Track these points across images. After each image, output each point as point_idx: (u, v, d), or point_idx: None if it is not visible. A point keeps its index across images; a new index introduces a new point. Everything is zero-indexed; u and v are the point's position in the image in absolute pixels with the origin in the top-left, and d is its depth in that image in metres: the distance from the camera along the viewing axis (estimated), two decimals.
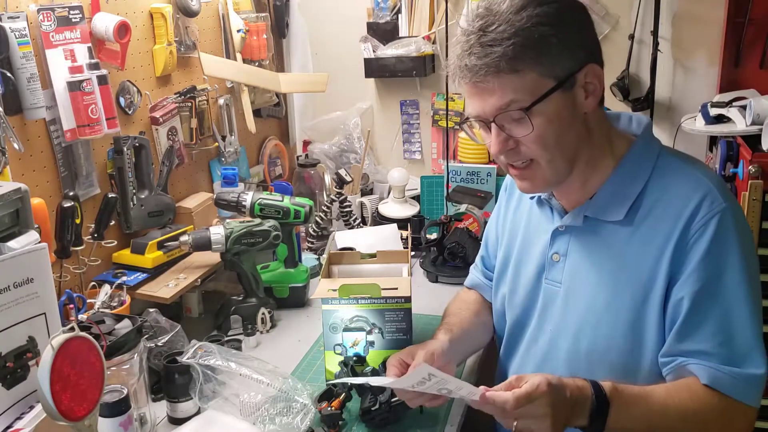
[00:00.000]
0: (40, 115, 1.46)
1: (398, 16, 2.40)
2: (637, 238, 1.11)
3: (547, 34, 1.03)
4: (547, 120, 1.06)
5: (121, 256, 1.70)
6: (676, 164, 1.13)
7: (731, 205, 1.07)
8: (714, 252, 1.05)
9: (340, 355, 1.43)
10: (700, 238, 1.05)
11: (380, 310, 1.41)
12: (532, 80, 1.05)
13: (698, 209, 1.06)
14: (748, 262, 1.06)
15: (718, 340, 1.05)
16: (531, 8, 1.03)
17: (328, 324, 1.43)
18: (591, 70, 1.08)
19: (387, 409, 1.28)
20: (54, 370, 0.98)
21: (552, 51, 1.04)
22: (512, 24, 1.03)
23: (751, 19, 2.08)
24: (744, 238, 1.07)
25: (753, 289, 1.06)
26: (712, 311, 1.05)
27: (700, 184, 1.08)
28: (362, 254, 1.60)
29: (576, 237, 1.19)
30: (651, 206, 1.11)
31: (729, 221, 1.05)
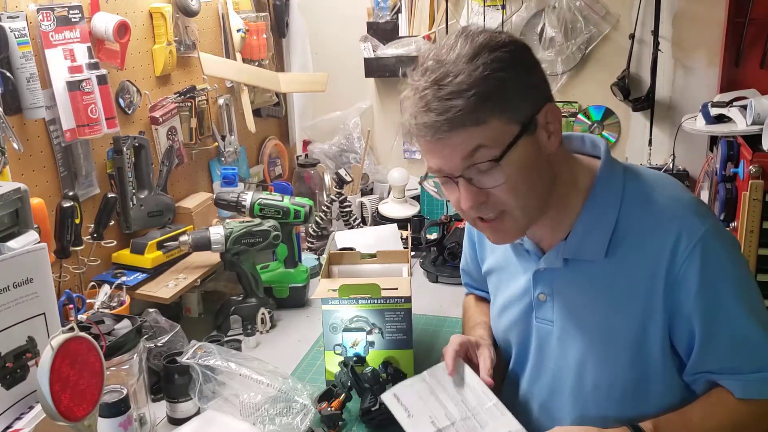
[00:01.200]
0: (40, 115, 1.46)
1: (398, 15, 2.40)
2: (623, 275, 1.07)
3: (506, 79, 0.98)
4: (517, 167, 1.02)
5: (121, 256, 1.70)
6: (644, 190, 1.09)
7: (710, 225, 1.04)
8: (707, 282, 1.03)
9: (340, 356, 1.43)
10: (689, 269, 1.03)
11: (380, 310, 1.41)
12: (497, 129, 1.00)
13: (679, 241, 1.03)
14: (740, 274, 1.06)
15: (738, 355, 1.05)
16: (485, 55, 0.98)
17: (328, 324, 1.42)
18: (549, 110, 1.03)
19: (387, 409, 1.28)
20: (53, 370, 0.98)
21: (512, 96, 0.99)
22: (469, 74, 0.97)
23: (751, 19, 2.08)
24: (730, 253, 1.06)
25: (751, 297, 1.06)
26: (723, 334, 1.05)
27: (674, 213, 1.05)
28: (362, 254, 1.60)
29: (559, 277, 1.14)
30: (629, 240, 1.07)
31: (712, 244, 1.03)
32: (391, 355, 1.43)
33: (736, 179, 1.86)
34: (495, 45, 1.00)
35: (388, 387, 1.31)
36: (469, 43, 1.00)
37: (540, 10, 2.28)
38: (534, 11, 2.29)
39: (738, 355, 1.06)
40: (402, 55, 2.33)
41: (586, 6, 2.24)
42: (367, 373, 1.33)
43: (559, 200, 1.09)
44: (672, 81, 2.25)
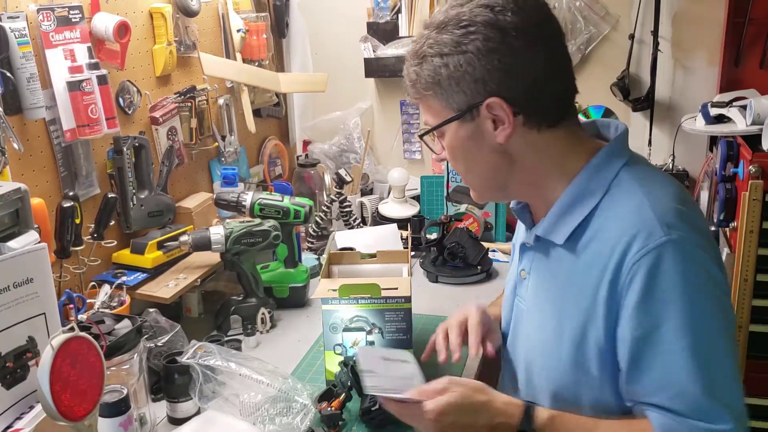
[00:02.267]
0: (40, 115, 1.46)
1: (398, 16, 2.40)
2: (580, 268, 1.02)
3: (439, 66, 1.01)
4: (450, 146, 1.09)
5: (121, 256, 1.70)
6: (631, 186, 1.02)
7: (677, 238, 0.94)
8: (648, 299, 0.94)
9: (341, 355, 1.43)
10: (633, 280, 0.95)
11: (380, 310, 1.41)
12: (435, 106, 1.06)
13: (630, 246, 0.95)
14: (695, 304, 0.94)
15: (667, 393, 0.96)
16: (439, 31, 1.01)
17: (329, 324, 1.42)
18: (494, 104, 1.00)
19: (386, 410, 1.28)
20: (54, 370, 0.98)
21: (443, 84, 1.02)
22: (421, 46, 1.03)
23: (751, 19, 2.08)
24: (690, 275, 0.94)
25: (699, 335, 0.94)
26: (654, 363, 0.96)
27: (640, 214, 0.97)
28: (362, 254, 1.60)
29: (536, 255, 1.13)
30: (594, 233, 1.01)
31: (666, 260, 0.93)
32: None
33: (735, 179, 1.87)
34: (459, 21, 1.00)
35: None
36: (448, 8, 1.02)
37: None
38: None
39: (667, 392, 0.95)
40: (402, 55, 2.33)
41: (586, 6, 2.24)
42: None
43: (539, 181, 1.08)
44: (672, 81, 2.25)
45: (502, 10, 0.99)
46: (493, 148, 1.05)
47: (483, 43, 0.98)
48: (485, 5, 0.99)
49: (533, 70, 1.01)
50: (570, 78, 1.06)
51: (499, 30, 0.98)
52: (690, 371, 0.93)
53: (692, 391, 0.94)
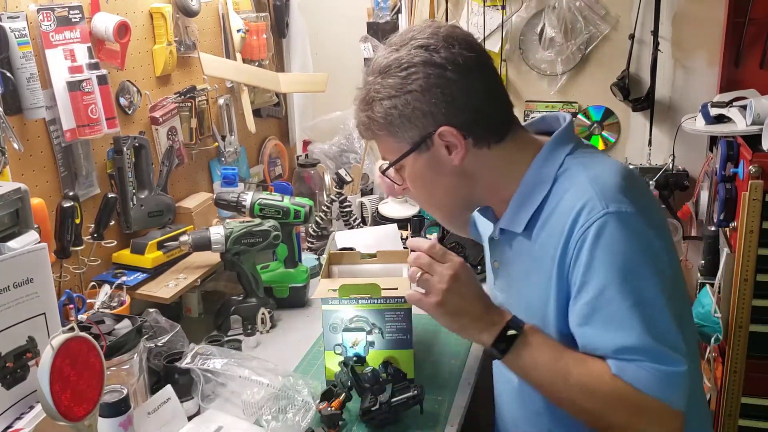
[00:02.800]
0: (40, 115, 1.46)
1: (398, 16, 2.40)
2: (536, 251, 1.11)
3: (389, 107, 1.11)
4: (411, 177, 1.18)
5: (121, 256, 1.70)
6: (576, 170, 1.11)
7: (613, 211, 1.02)
8: (593, 267, 1.02)
9: (340, 355, 1.43)
10: (579, 253, 1.03)
11: (380, 310, 1.41)
12: (389, 144, 1.17)
13: (576, 220, 1.04)
14: (634, 272, 1.02)
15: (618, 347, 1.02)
16: (383, 76, 1.11)
17: (328, 324, 1.42)
18: (445, 132, 1.11)
19: (387, 409, 1.29)
20: (54, 370, 0.99)
21: (395, 123, 1.12)
22: (367, 92, 1.14)
23: (751, 19, 2.08)
24: (628, 245, 1.02)
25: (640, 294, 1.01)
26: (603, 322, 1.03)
27: (583, 192, 1.06)
28: (362, 254, 1.60)
29: (503, 247, 1.21)
30: (547, 217, 1.11)
31: (606, 231, 1.02)
32: (391, 355, 1.43)
33: (735, 179, 1.87)
34: (399, 65, 1.10)
35: (387, 387, 1.32)
36: (387, 54, 1.12)
37: (540, 11, 2.29)
38: (534, 11, 2.29)
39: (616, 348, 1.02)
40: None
41: (586, 6, 2.24)
42: (368, 373, 1.33)
43: (495, 188, 1.17)
44: (672, 81, 2.25)
45: (436, 49, 1.10)
46: (451, 171, 1.15)
47: (424, 80, 1.09)
48: (420, 47, 1.10)
49: (473, 96, 1.11)
50: (505, 96, 1.18)
51: (436, 67, 1.09)
52: (636, 325, 1.01)
53: (642, 341, 1.01)
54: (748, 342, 1.84)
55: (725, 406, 1.89)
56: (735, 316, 1.83)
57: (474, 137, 1.12)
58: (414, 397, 1.29)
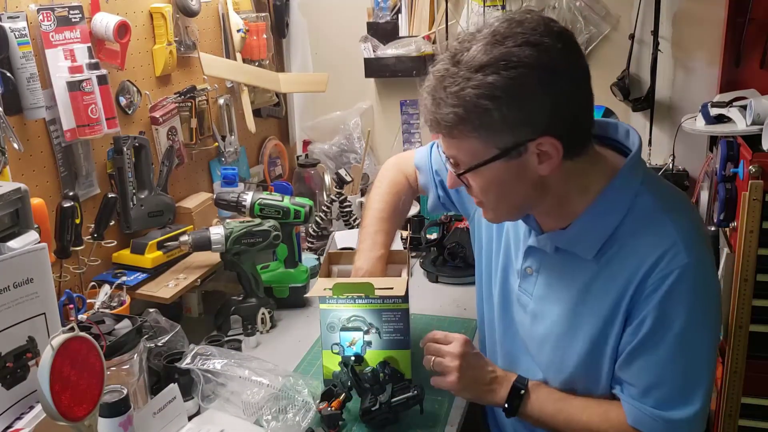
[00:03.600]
0: (40, 115, 1.46)
1: (398, 16, 2.40)
2: (602, 278, 1.11)
3: (490, 108, 0.98)
4: (487, 182, 1.08)
5: (121, 256, 1.70)
6: (652, 207, 1.09)
7: (694, 261, 1.05)
8: (662, 308, 1.06)
9: (338, 355, 1.43)
10: (655, 292, 1.05)
11: (377, 310, 1.40)
12: (473, 146, 1.04)
13: (658, 263, 1.05)
14: (698, 321, 1.07)
15: (650, 380, 1.10)
16: (485, 72, 0.97)
17: (326, 323, 1.42)
18: (545, 142, 1.01)
19: (387, 409, 1.29)
20: (54, 370, 0.99)
21: (492, 126, 1.00)
22: (461, 88, 0.99)
23: (751, 19, 2.08)
24: (699, 298, 1.06)
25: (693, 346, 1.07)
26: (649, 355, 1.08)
27: (666, 236, 1.06)
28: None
29: (547, 259, 1.19)
30: (619, 249, 1.09)
31: (686, 279, 1.04)
32: (389, 355, 1.42)
33: (735, 179, 1.86)
34: (507, 63, 0.97)
35: (387, 387, 1.32)
36: (486, 49, 0.98)
37: (540, 11, 2.28)
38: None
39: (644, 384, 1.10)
40: (402, 56, 2.33)
41: (586, 6, 2.24)
42: (367, 373, 1.33)
43: (561, 201, 1.12)
44: (672, 81, 2.25)
45: (549, 49, 0.98)
46: (532, 181, 1.07)
47: (535, 85, 0.98)
48: (531, 44, 0.98)
49: (577, 107, 1.04)
50: (592, 105, 1.09)
51: (548, 70, 0.98)
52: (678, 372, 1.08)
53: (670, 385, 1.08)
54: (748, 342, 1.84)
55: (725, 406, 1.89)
56: (735, 316, 1.83)
57: (567, 147, 1.03)
58: (414, 397, 1.29)
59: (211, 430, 1.30)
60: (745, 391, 1.88)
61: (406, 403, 1.29)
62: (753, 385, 1.88)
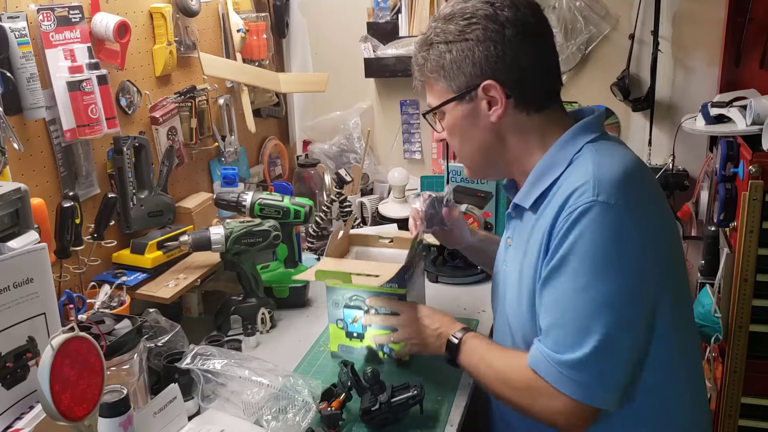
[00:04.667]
0: (40, 115, 1.46)
1: (398, 16, 2.40)
2: (537, 226, 1.17)
3: (444, 51, 1.18)
4: (449, 124, 1.25)
5: (121, 256, 1.70)
6: (589, 155, 1.15)
7: (602, 201, 1.05)
8: (566, 239, 1.08)
9: (342, 330, 1.54)
10: (562, 227, 1.09)
11: (376, 292, 1.49)
12: (438, 90, 1.23)
13: (568, 200, 1.09)
14: (603, 256, 1.05)
15: (549, 320, 1.12)
16: (445, 22, 1.18)
17: (332, 299, 1.53)
18: (490, 86, 1.16)
19: (387, 409, 1.28)
20: (54, 370, 0.99)
21: (446, 67, 1.19)
22: (429, 35, 1.21)
23: (751, 19, 2.08)
24: (603, 233, 1.05)
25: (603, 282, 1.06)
26: (550, 293, 1.11)
27: (583, 176, 1.10)
28: (380, 237, 1.67)
29: (515, 223, 1.28)
30: (551, 198, 1.15)
31: (590, 215, 1.05)
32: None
33: (735, 179, 1.87)
34: (463, 14, 1.16)
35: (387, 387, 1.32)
36: (455, 3, 1.19)
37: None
38: None
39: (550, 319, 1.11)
40: (402, 55, 2.33)
41: (586, 6, 2.24)
42: (368, 373, 1.33)
43: (521, 158, 1.23)
44: (672, 81, 2.25)
45: (501, 7, 1.16)
46: (487, 127, 1.21)
47: (482, 32, 1.15)
48: (487, 2, 1.16)
49: (523, 60, 1.16)
50: (555, 71, 1.23)
51: (496, 22, 1.15)
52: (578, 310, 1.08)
53: (571, 325, 1.08)
54: (748, 342, 1.84)
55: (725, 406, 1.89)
56: (735, 316, 1.83)
57: (516, 99, 1.17)
58: (414, 397, 1.29)
59: (211, 430, 1.30)
60: (745, 391, 1.88)
61: (406, 403, 1.29)
62: (753, 385, 1.88)
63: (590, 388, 1.08)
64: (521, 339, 1.23)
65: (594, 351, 1.06)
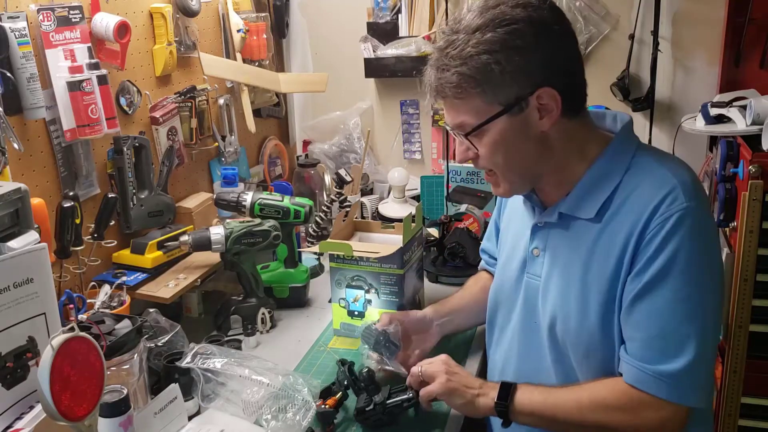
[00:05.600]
0: (40, 115, 1.46)
1: (398, 16, 2.40)
2: (606, 235, 1.13)
3: (490, 62, 1.06)
4: (493, 141, 1.13)
5: (121, 256, 1.70)
6: (649, 163, 1.14)
7: (695, 205, 1.06)
8: (665, 249, 1.06)
9: (344, 308, 1.63)
10: (656, 235, 1.06)
11: (376, 273, 1.57)
12: (478, 105, 1.11)
13: (658, 207, 1.07)
14: (700, 264, 1.07)
15: (646, 333, 1.08)
16: (482, 32, 1.07)
17: (334, 279, 1.62)
18: (544, 93, 1.09)
19: (381, 410, 1.28)
20: (54, 370, 0.99)
21: (494, 80, 1.07)
22: (461, 49, 1.07)
23: (751, 19, 2.08)
24: (700, 240, 1.07)
25: (700, 290, 1.07)
26: (648, 307, 1.08)
27: (665, 182, 1.08)
28: (383, 224, 1.76)
29: (552, 233, 1.22)
30: (620, 204, 1.12)
31: (687, 221, 1.05)
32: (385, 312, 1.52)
33: (735, 179, 1.86)
34: (501, 21, 1.06)
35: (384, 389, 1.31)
36: (480, 13, 1.08)
37: None
38: None
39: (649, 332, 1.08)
40: (402, 55, 2.33)
41: (586, 6, 2.24)
42: (363, 373, 1.33)
43: (563, 165, 1.17)
44: (672, 81, 2.25)
45: (537, 8, 1.08)
46: (537, 138, 1.13)
47: (531, 37, 1.07)
48: (521, 5, 1.08)
49: (571, 61, 1.13)
50: (584, 69, 1.18)
51: (541, 25, 1.08)
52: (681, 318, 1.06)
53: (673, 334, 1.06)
54: (748, 342, 1.84)
55: (725, 406, 1.89)
56: (735, 316, 1.83)
57: (565, 103, 1.11)
58: (409, 400, 1.29)
59: (211, 429, 1.30)
60: (745, 391, 1.88)
61: (401, 405, 1.28)
62: (753, 385, 1.88)
63: (695, 391, 1.08)
64: (582, 355, 1.17)
65: (696, 356, 1.06)
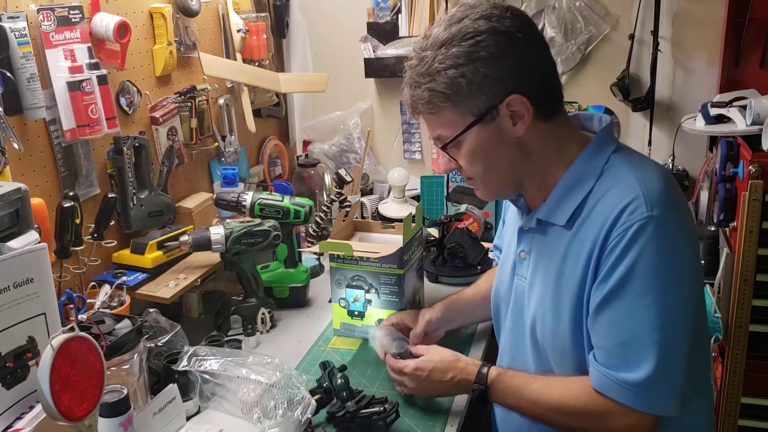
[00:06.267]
0: (40, 115, 1.46)
1: (398, 16, 2.40)
2: (575, 243, 1.13)
3: (457, 76, 1.08)
4: (470, 151, 1.15)
5: (121, 256, 1.70)
6: (620, 168, 1.13)
7: (658, 214, 1.05)
8: (625, 259, 1.06)
9: (344, 308, 1.63)
10: (617, 245, 1.06)
11: (376, 273, 1.58)
12: (451, 118, 1.13)
13: (619, 217, 1.06)
14: (665, 272, 1.06)
15: (611, 341, 1.09)
16: (447, 47, 1.09)
17: (334, 279, 1.62)
18: (514, 101, 1.10)
19: (350, 418, 1.28)
20: (54, 370, 0.99)
21: (462, 92, 1.10)
22: (429, 65, 1.10)
23: (751, 19, 2.08)
24: (664, 248, 1.05)
25: (665, 298, 1.06)
26: (610, 316, 1.08)
27: (630, 190, 1.08)
28: (383, 224, 1.77)
29: (535, 237, 1.23)
30: (589, 211, 1.12)
31: (648, 230, 1.04)
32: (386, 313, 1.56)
33: (735, 179, 1.87)
34: (465, 35, 1.08)
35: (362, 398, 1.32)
36: (446, 28, 1.11)
37: (540, 10, 2.29)
38: (534, 11, 2.29)
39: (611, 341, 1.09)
40: (402, 55, 2.33)
41: (586, 6, 2.24)
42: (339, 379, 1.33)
43: (544, 169, 1.18)
44: (672, 81, 2.25)
45: (500, 18, 1.10)
46: (512, 144, 1.14)
47: (495, 47, 1.08)
48: (483, 17, 1.09)
49: (539, 66, 1.13)
50: (557, 72, 1.19)
51: (504, 34, 1.09)
52: (642, 327, 1.06)
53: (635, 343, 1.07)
54: (748, 342, 1.84)
55: (725, 406, 1.89)
56: (735, 316, 1.83)
57: (537, 107, 1.12)
58: (379, 413, 1.28)
59: (210, 429, 1.30)
60: (745, 391, 1.88)
61: (370, 417, 1.28)
62: (753, 385, 1.88)
63: (660, 398, 1.08)
64: (559, 357, 1.19)
65: (660, 364, 1.05)
